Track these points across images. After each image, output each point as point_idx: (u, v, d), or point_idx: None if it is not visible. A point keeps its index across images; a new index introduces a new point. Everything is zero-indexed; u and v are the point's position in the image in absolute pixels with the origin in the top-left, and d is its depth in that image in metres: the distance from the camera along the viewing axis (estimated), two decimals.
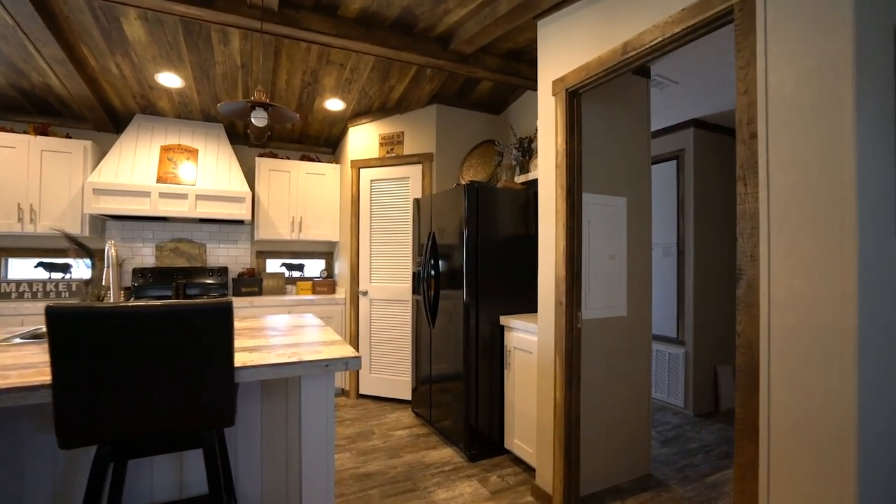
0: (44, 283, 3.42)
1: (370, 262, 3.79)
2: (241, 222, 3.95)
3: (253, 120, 1.95)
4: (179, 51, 2.78)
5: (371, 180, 3.81)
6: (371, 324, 3.77)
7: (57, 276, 3.55)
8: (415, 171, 3.66)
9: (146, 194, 3.33)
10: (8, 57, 2.76)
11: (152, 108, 3.52)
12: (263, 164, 3.91)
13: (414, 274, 3.36)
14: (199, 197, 3.48)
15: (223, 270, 3.95)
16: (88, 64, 2.90)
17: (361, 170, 3.85)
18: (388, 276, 3.72)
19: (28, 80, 3.05)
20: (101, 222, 3.63)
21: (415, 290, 3.34)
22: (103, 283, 2.03)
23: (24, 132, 3.30)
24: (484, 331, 2.69)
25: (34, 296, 3.40)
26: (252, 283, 3.93)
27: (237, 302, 3.51)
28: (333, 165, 4.18)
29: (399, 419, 3.30)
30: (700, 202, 3.49)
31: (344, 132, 4.11)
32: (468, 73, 2.99)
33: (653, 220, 3.77)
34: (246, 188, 3.61)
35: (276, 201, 3.95)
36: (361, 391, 3.80)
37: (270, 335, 1.87)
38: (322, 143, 4.42)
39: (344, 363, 1.50)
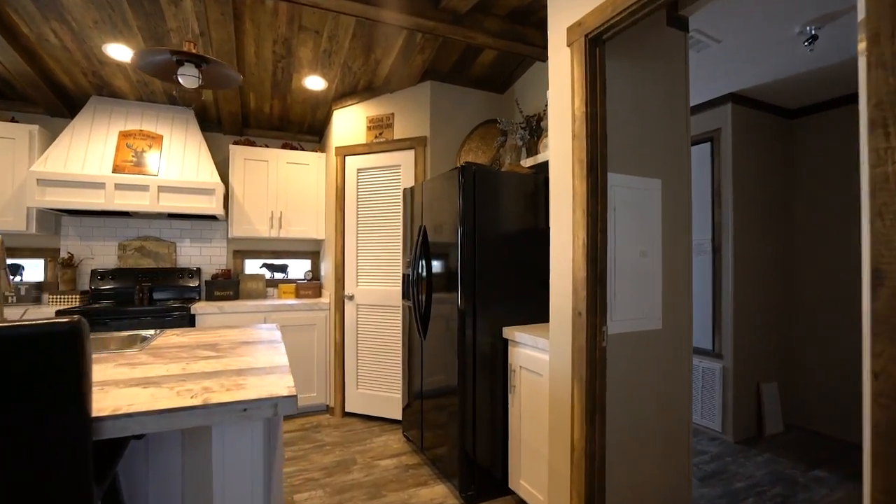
0: None
1: (356, 262, 3.34)
2: (214, 218, 3.53)
3: (180, 79, 1.51)
4: (123, 14, 2.36)
5: (358, 169, 3.36)
6: (358, 332, 3.32)
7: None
8: (406, 158, 3.20)
9: (100, 185, 2.92)
10: None
11: (109, 88, 3.11)
12: (238, 153, 3.49)
13: (404, 276, 2.90)
14: (161, 189, 3.06)
15: (195, 272, 3.53)
16: (20, 32, 2.49)
17: (347, 157, 3.40)
18: (377, 277, 3.26)
19: None
20: (54, 218, 3.23)
21: (405, 295, 2.88)
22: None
23: None
24: (483, 344, 2.22)
25: None
26: (226, 285, 3.50)
27: (205, 308, 3.08)
28: (318, 154, 3.74)
29: (387, 444, 2.84)
30: (740, 191, 2.98)
31: (329, 116, 3.67)
32: (464, 38, 2.52)
33: None
34: (216, 179, 3.19)
35: (252, 194, 3.52)
36: (347, 408, 3.35)
37: (200, 357, 1.43)
38: (306, 129, 3.99)
39: (271, 406, 1.04)
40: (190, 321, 3.04)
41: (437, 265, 2.44)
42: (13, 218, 2.90)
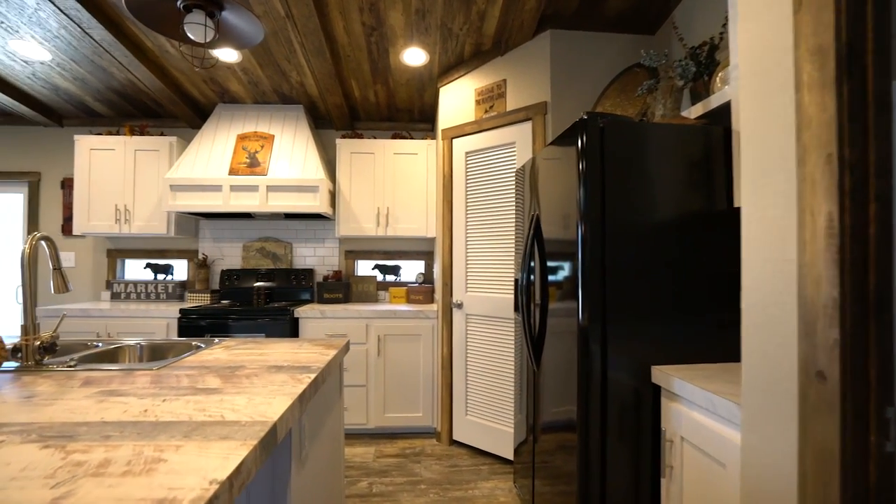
0: (147, 284, 3.39)
1: (465, 263, 2.81)
2: (326, 217, 3.41)
3: (187, 31, 1.17)
4: None
5: (466, 153, 2.83)
6: (467, 347, 2.79)
7: (161, 277, 3.51)
8: (522, 133, 2.55)
9: (218, 188, 2.99)
10: (83, 52, 2.64)
11: (228, 94, 3.19)
12: (344, 147, 3.29)
13: (515, 282, 2.26)
14: (270, 188, 3.01)
15: (308, 273, 3.47)
16: (146, 47, 2.62)
17: (454, 140, 2.90)
18: (488, 283, 2.68)
19: (115, 79, 2.96)
20: (194, 222, 3.48)
21: (517, 306, 2.24)
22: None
23: (121, 133, 3.30)
24: (618, 384, 1.45)
25: (138, 297, 3.38)
26: (336, 287, 3.34)
27: (307, 312, 2.92)
28: (427, 142, 3.33)
29: (493, 496, 2.24)
30: None
31: (436, 97, 3.23)
32: None
33: None
34: (321, 175, 3.02)
35: (358, 190, 3.29)
36: (455, 436, 2.84)
37: (189, 390, 1.06)
38: (416, 117, 3.63)
39: None
40: (293, 325, 2.91)
41: (553, 267, 1.74)
42: (158, 222, 3.17)
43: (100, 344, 1.64)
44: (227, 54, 2.66)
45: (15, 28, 2.46)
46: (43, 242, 1.40)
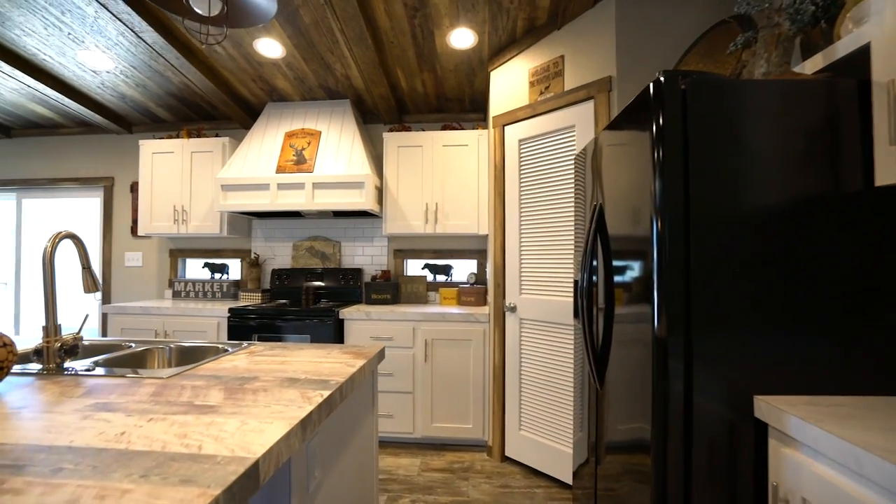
0: (203, 283, 3.48)
1: (519, 262, 2.55)
2: (374, 215, 3.30)
3: (192, 2, 1.05)
4: None
5: (519, 141, 2.57)
6: (521, 354, 2.52)
7: (217, 276, 3.59)
8: (582, 115, 2.24)
9: (265, 187, 2.97)
10: (141, 58, 2.72)
11: (277, 92, 3.17)
12: (391, 141, 3.15)
13: (575, 283, 1.97)
14: (315, 185, 2.94)
15: (357, 272, 3.37)
16: (193, 46, 2.64)
17: (506, 128, 2.65)
18: (544, 284, 2.40)
19: (172, 83, 3.04)
20: (247, 222, 3.52)
21: (576, 312, 1.95)
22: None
23: (179, 137, 3.39)
24: (707, 413, 1.13)
25: (196, 295, 3.48)
26: (384, 288, 3.21)
27: (352, 314, 2.81)
28: (478, 132, 3.10)
29: None
30: None
31: (487, 83, 2.99)
32: None
33: None
34: (366, 170, 2.89)
35: (406, 185, 3.13)
36: (508, 451, 2.59)
37: (185, 408, 0.92)
38: (467, 106, 3.41)
39: None
40: (338, 327, 2.81)
41: (621, 266, 1.44)
42: (212, 223, 3.22)
43: (133, 345, 1.60)
44: (271, 49, 2.61)
45: (80, 38, 2.57)
46: (70, 241, 1.36)
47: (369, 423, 1.53)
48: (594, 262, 1.66)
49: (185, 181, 3.25)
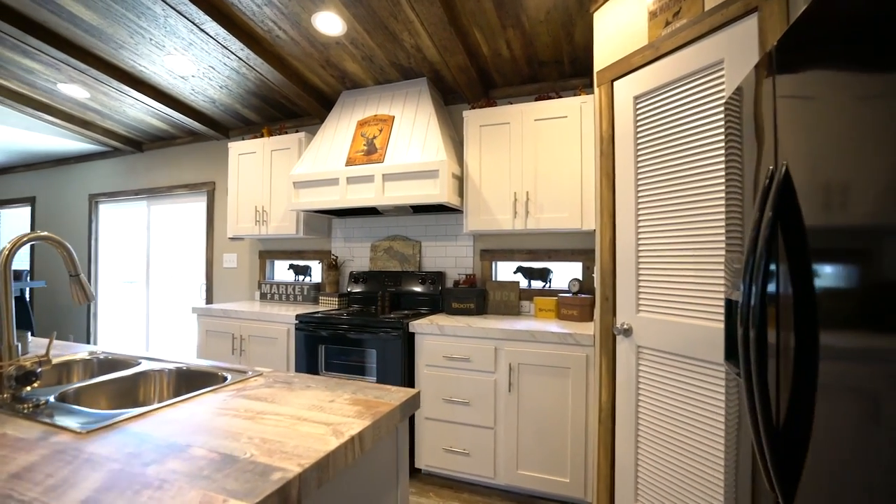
0: (286, 285, 3.38)
1: (636, 268, 1.83)
2: (457, 210, 2.82)
3: None
4: None
5: (635, 98, 1.85)
6: (638, 395, 1.81)
7: (300, 278, 3.48)
8: (738, 41, 1.46)
9: (335, 182, 2.69)
10: (214, 56, 2.64)
11: (348, 78, 2.88)
12: (472, 120, 2.64)
13: (727, 303, 1.23)
14: (385, 177, 2.57)
15: (438, 276, 2.93)
16: (256, 34, 2.45)
17: (616, 83, 1.94)
18: (674, 299, 1.66)
19: (249, 81, 2.95)
20: (326, 221, 3.33)
21: (730, 351, 1.21)
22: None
23: (261, 136, 3.32)
24: None
25: (280, 298, 3.39)
26: (466, 295, 2.71)
27: (424, 327, 2.36)
28: (579, 99, 2.42)
29: None
30: None
31: (590, 32, 2.30)
32: None
33: None
34: (441, 157, 2.43)
35: (490, 172, 2.59)
36: None
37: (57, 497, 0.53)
38: (567, 70, 2.72)
39: None
40: (408, 341, 2.39)
41: (829, 273, 0.72)
42: (288, 223, 3.07)
43: (141, 362, 1.36)
44: (331, 24, 2.29)
45: (161, 43, 2.56)
46: (52, 245, 1.13)
47: (394, 498, 1.04)
48: (772, 265, 0.94)
49: (265, 181, 3.17)
